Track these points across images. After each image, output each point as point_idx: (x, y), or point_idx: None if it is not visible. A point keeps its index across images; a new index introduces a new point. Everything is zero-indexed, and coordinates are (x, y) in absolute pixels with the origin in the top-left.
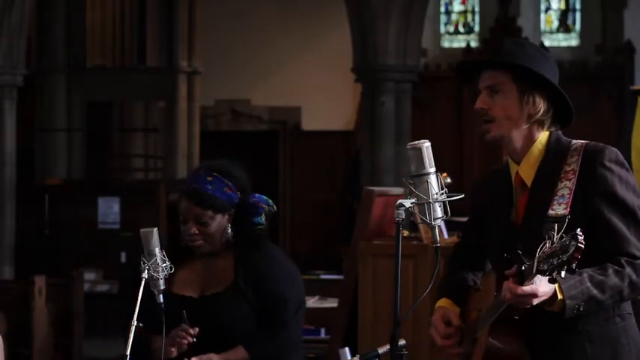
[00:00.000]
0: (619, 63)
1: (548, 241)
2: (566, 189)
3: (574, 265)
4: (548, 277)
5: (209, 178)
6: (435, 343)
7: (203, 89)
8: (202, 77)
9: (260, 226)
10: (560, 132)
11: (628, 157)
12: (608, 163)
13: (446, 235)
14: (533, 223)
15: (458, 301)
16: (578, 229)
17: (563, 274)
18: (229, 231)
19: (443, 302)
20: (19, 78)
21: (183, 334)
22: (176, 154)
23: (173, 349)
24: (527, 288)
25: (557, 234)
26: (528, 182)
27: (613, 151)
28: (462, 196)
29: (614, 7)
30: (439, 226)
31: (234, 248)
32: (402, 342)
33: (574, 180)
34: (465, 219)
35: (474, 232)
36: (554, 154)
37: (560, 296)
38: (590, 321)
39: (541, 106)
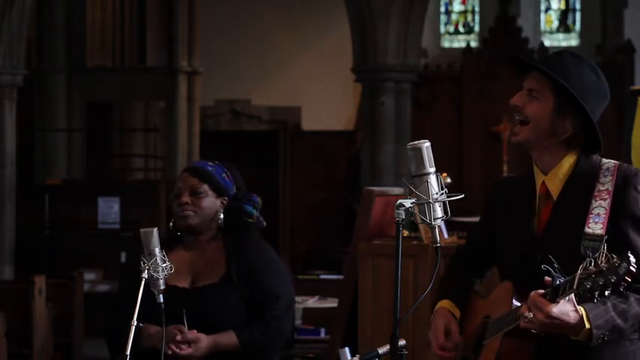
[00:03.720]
0: (619, 63)
1: (589, 260)
2: (601, 208)
3: (622, 287)
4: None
5: (210, 164)
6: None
7: (203, 89)
8: (202, 77)
9: (250, 219)
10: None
11: (628, 157)
12: None
13: (446, 235)
14: (557, 236)
15: (459, 304)
16: (629, 252)
17: (606, 293)
18: (221, 216)
19: (444, 304)
20: (19, 78)
21: (178, 339)
22: (176, 154)
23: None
24: (556, 310)
25: (602, 254)
26: (554, 194)
27: None
28: (462, 196)
29: (614, 7)
30: (439, 226)
31: (225, 239)
32: (402, 342)
33: (609, 200)
34: (465, 219)
35: (483, 236)
36: (585, 170)
37: (587, 325)
38: (602, 344)
39: (570, 129)
